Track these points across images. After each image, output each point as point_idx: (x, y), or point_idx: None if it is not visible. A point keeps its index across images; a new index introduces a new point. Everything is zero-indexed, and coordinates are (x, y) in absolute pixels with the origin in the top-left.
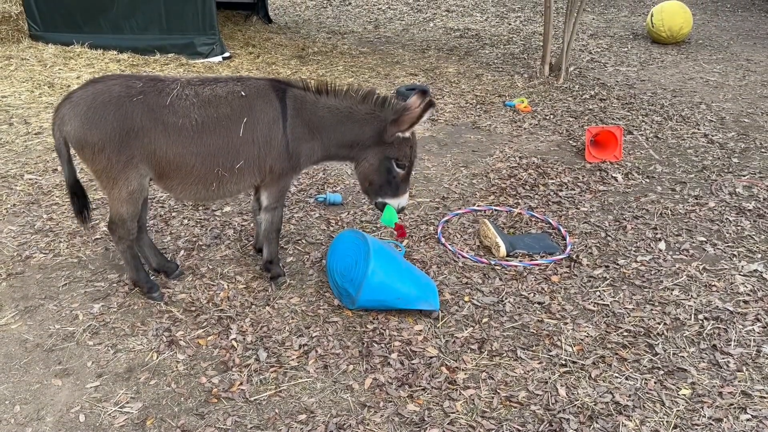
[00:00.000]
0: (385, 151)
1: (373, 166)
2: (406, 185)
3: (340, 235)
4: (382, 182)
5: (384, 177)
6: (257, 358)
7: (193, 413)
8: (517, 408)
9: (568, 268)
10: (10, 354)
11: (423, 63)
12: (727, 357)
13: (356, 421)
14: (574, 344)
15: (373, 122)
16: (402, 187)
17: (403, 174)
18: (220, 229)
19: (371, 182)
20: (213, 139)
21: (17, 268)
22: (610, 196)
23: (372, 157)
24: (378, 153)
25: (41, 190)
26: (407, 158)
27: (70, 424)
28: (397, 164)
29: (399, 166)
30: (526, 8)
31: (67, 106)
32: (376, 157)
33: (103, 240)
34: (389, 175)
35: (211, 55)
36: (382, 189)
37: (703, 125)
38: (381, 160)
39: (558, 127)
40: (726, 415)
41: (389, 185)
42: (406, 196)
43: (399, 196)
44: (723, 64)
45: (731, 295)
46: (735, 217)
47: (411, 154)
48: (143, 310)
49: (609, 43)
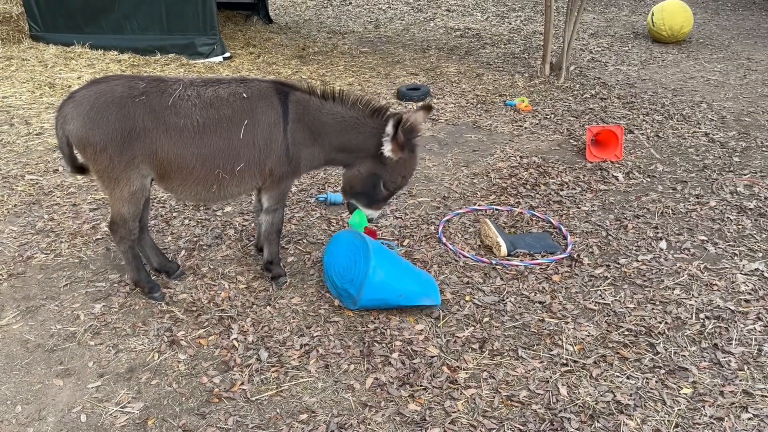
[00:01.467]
0: (379, 168)
1: (361, 176)
2: (384, 203)
3: (335, 236)
4: (363, 191)
5: (367, 188)
6: (258, 357)
7: (194, 413)
8: (518, 407)
9: (569, 268)
10: (11, 354)
11: (423, 63)
12: (728, 356)
13: (357, 420)
14: (576, 343)
15: (377, 138)
16: (380, 203)
17: (385, 194)
18: (221, 229)
19: (353, 188)
20: (214, 140)
21: (18, 269)
22: (611, 195)
23: (363, 168)
24: (371, 167)
25: (42, 190)
26: (396, 185)
27: (72, 424)
28: (384, 185)
29: (385, 187)
30: (526, 8)
31: (70, 105)
32: (366, 169)
33: (104, 240)
34: (373, 189)
35: (211, 55)
36: (360, 196)
37: (704, 124)
38: (371, 174)
39: (559, 126)
40: (727, 414)
41: (368, 197)
42: (379, 212)
43: (371, 208)
44: (724, 63)
45: (732, 294)
46: (736, 216)
47: (401, 183)
48: (144, 310)
49: (610, 43)
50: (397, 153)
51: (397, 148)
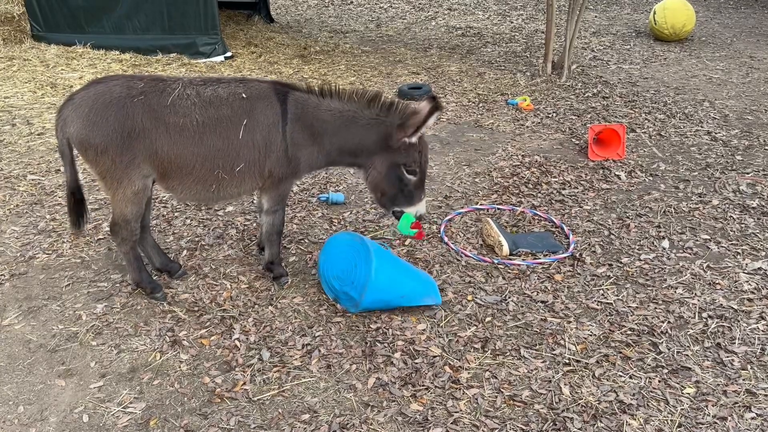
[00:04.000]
0: (393, 157)
1: (382, 174)
2: (421, 191)
3: (331, 239)
4: (394, 191)
5: (395, 185)
6: (260, 357)
7: (196, 413)
8: (520, 407)
9: (571, 267)
10: (13, 354)
11: (425, 62)
12: (731, 355)
13: (359, 420)
14: (578, 343)
15: (378, 127)
16: (416, 194)
17: (415, 180)
18: (223, 228)
19: (383, 192)
20: (214, 140)
21: (20, 269)
22: (613, 194)
23: (380, 165)
24: (385, 160)
25: (44, 190)
26: (417, 163)
27: (74, 425)
28: (407, 170)
29: (409, 173)
30: (528, 6)
31: (69, 107)
32: (383, 165)
33: (106, 240)
34: (401, 183)
35: (213, 54)
36: (396, 198)
37: (707, 123)
38: (389, 167)
39: (561, 125)
40: (731, 414)
41: (402, 194)
42: (422, 203)
43: (414, 204)
44: (726, 62)
45: (735, 293)
46: (739, 214)
47: (421, 159)
48: (146, 310)
49: (611, 41)
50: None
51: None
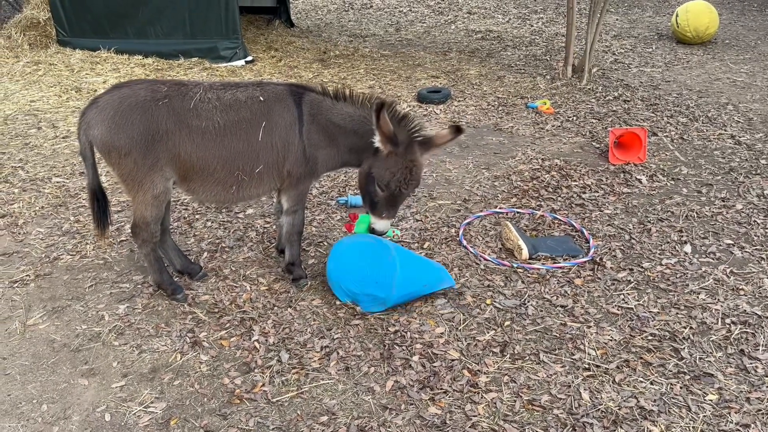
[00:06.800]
0: (374, 164)
1: (363, 173)
2: (384, 210)
3: (338, 245)
4: (365, 191)
5: (366, 186)
6: (279, 359)
7: (216, 414)
8: (539, 412)
9: (591, 271)
10: (38, 354)
11: (444, 65)
12: (755, 362)
13: (378, 423)
14: (598, 348)
15: None
16: (378, 206)
17: (380, 195)
18: (243, 231)
19: (360, 187)
20: (234, 142)
21: (45, 270)
22: (635, 198)
23: (366, 165)
24: (370, 162)
25: (69, 192)
26: (384, 182)
27: (96, 423)
28: (377, 182)
29: (378, 186)
30: (548, 9)
31: (93, 110)
32: (367, 166)
33: (128, 242)
34: (370, 186)
35: (234, 59)
36: (364, 197)
37: (730, 126)
38: (368, 171)
39: (581, 128)
40: (754, 421)
41: (368, 197)
42: (384, 222)
43: (374, 214)
44: (750, 64)
45: (759, 299)
46: (763, 219)
47: (391, 182)
48: (167, 311)
49: (633, 44)
50: (384, 144)
51: (383, 138)
